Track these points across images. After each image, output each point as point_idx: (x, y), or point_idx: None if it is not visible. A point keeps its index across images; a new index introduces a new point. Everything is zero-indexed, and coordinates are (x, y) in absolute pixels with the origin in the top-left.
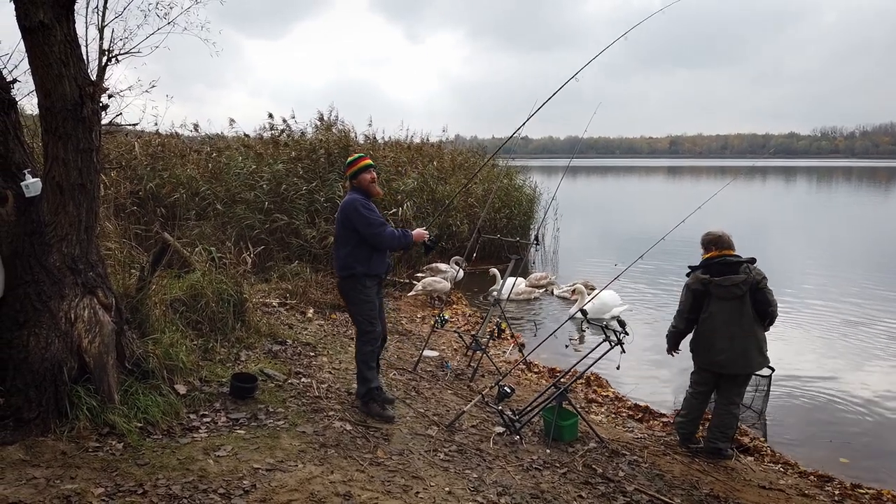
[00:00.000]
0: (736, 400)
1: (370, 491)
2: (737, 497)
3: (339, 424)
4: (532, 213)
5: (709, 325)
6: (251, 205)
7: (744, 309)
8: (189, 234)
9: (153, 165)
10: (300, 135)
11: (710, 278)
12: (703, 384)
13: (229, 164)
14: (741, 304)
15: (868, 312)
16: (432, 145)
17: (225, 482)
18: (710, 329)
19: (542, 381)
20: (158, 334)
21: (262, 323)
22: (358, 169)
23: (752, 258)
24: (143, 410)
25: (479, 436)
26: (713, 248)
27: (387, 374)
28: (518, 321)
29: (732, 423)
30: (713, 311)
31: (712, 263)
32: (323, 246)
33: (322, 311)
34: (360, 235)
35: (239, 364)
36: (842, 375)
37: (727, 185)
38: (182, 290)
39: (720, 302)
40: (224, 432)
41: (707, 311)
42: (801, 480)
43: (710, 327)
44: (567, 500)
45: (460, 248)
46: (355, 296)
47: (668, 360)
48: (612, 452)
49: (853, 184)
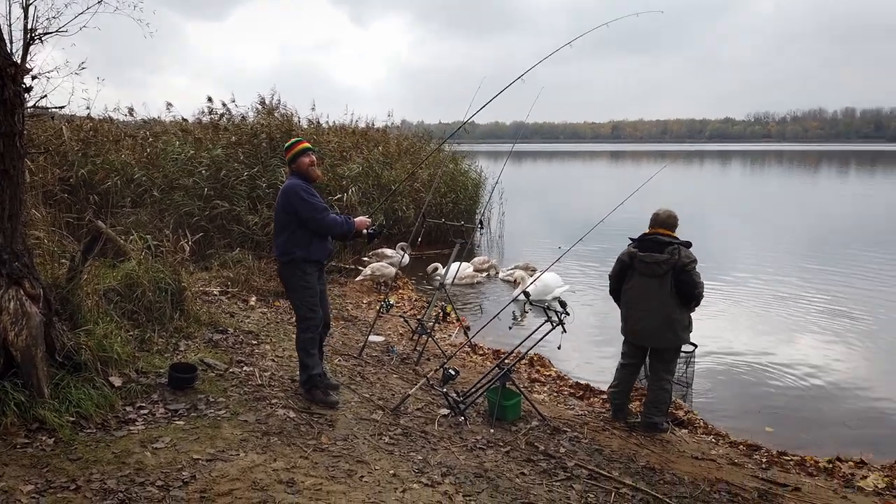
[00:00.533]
0: (665, 375)
1: (314, 477)
2: (671, 468)
3: (282, 412)
4: (478, 197)
5: (628, 296)
6: (190, 191)
7: (662, 288)
8: (124, 222)
9: (85, 151)
10: (241, 119)
11: (637, 252)
12: (630, 356)
13: (166, 149)
14: (661, 282)
15: (798, 289)
16: (378, 130)
17: (163, 474)
18: (628, 300)
19: (486, 363)
20: (91, 325)
21: (202, 312)
22: (296, 153)
23: (687, 242)
24: (75, 404)
25: (424, 418)
26: (651, 226)
27: (332, 361)
28: (465, 305)
29: (665, 398)
30: (633, 285)
31: (645, 239)
32: (265, 233)
33: (265, 299)
34: (299, 220)
35: (178, 354)
36: (772, 349)
37: (662, 168)
38: (116, 279)
39: (640, 277)
40: (162, 424)
41: (629, 283)
42: (731, 450)
43: (629, 298)
44: (510, 477)
45: (406, 234)
46: (295, 282)
47: (610, 339)
48: (554, 430)
49: (784, 167)
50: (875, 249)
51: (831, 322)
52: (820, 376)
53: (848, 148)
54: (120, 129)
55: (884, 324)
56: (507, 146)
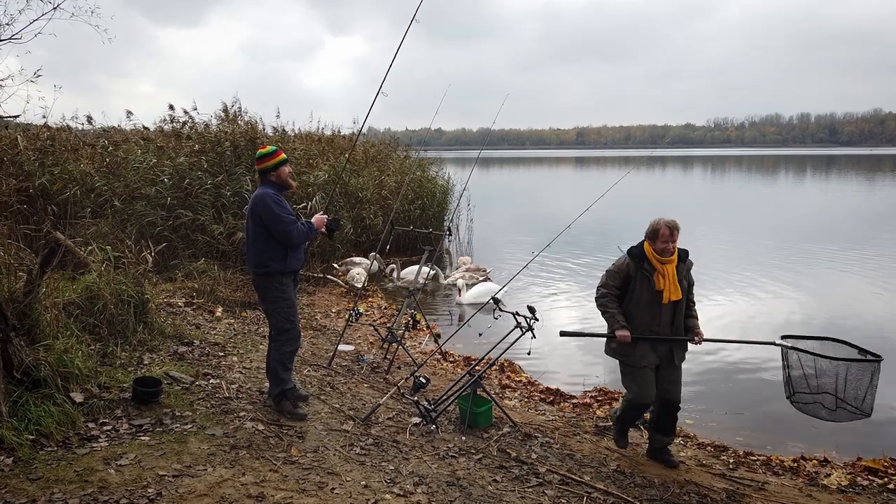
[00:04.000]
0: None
1: (284, 490)
2: (641, 471)
3: (250, 425)
4: (446, 204)
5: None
6: (152, 200)
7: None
8: (84, 233)
9: (42, 161)
10: (204, 127)
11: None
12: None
13: (127, 158)
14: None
15: (767, 287)
16: (344, 137)
17: (128, 492)
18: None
19: (457, 370)
20: (51, 340)
21: (166, 324)
22: (277, 162)
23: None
24: (34, 422)
25: (395, 428)
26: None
27: (301, 371)
28: (435, 313)
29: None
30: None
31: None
32: (231, 242)
33: (231, 310)
34: (269, 230)
35: (142, 368)
36: (738, 349)
37: (626, 174)
38: (76, 292)
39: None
40: (126, 440)
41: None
42: (699, 451)
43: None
44: (482, 485)
45: (375, 241)
46: (272, 294)
47: (584, 345)
48: (525, 436)
49: (744, 171)
50: (848, 246)
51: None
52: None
53: (804, 152)
54: (78, 137)
55: (852, 321)
56: (475, 152)
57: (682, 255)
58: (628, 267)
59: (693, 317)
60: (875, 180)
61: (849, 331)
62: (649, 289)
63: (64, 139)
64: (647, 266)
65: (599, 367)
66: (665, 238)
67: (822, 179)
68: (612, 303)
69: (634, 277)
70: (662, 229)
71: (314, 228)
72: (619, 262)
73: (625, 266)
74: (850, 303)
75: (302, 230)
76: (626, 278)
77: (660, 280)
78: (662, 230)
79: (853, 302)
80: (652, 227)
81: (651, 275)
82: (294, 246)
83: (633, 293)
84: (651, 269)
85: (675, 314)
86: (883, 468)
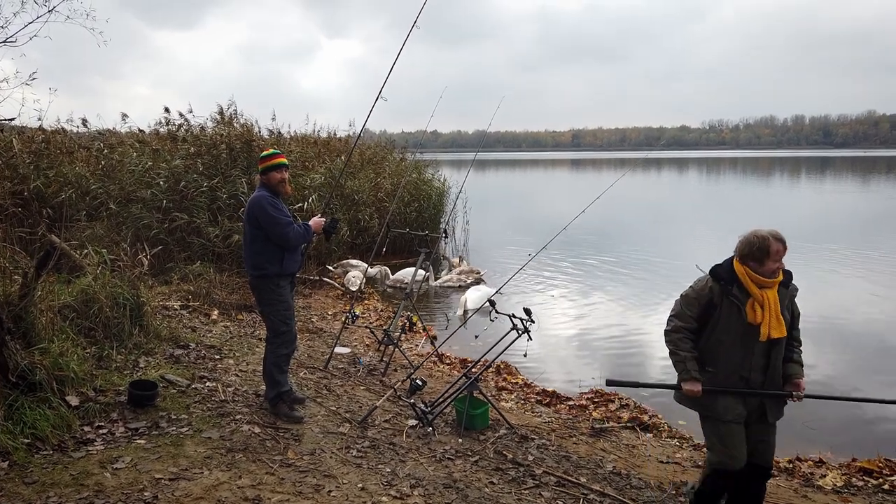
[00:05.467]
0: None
1: (280, 493)
2: (638, 472)
3: (246, 428)
4: (442, 206)
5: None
6: (148, 203)
7: None
8: (79, 236)
9: (37, 163)
10: (199, 129)
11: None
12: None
13: (123, 160)
14: None
15: None
16: (340, 139)
17: (124, 495)
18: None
19: (453, 373)
20: (46, 343)
21: (162, 327)
22: (269, 166)
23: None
24: (30, 425)
25: (392, 430)
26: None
27: (297, 374)
28: (432, 315)
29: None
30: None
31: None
32: (227, 245)
33: (227, 313)
34: (265, 232)
35: (138, 371)
36: None
37: (622, 176)
38: (72, 295)
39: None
40: (122, 443)
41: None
42: (695, 453)
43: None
44: (479, 487)
45: (371, 243)
46: (268, 296)
47: (580, 347)
48: (522, 438)
49: (739, 173)
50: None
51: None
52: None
53: (798, 154)
54: (74, 140)
55: (844, 323)
56: (470, 155)
57: (786, 278)
58: (711, 292)
59: (795, 361)
60: (870, 182)
61: (846, 331)
62: (739, 321)
63: (59, 142)
64: (737, 292)
65: (595, 368)
66: (778, 256)
67: (817, 181)
68: (684, 342)
69: (719, 306)
70: (773, 245)
71: (311, 231)
72: (699, 286)
73: (706, 291)
74: (846, 304)
75: (299, 232)
76: (707, 306)
77: (757, 311)
78: (774, 246)
79: (850, 303)
80: (757, 244)
81: (743, 303)
82: (291, 248)
83: (716, 326)
84: (744, 297)
85: (772, 356)
86: (878, 469)
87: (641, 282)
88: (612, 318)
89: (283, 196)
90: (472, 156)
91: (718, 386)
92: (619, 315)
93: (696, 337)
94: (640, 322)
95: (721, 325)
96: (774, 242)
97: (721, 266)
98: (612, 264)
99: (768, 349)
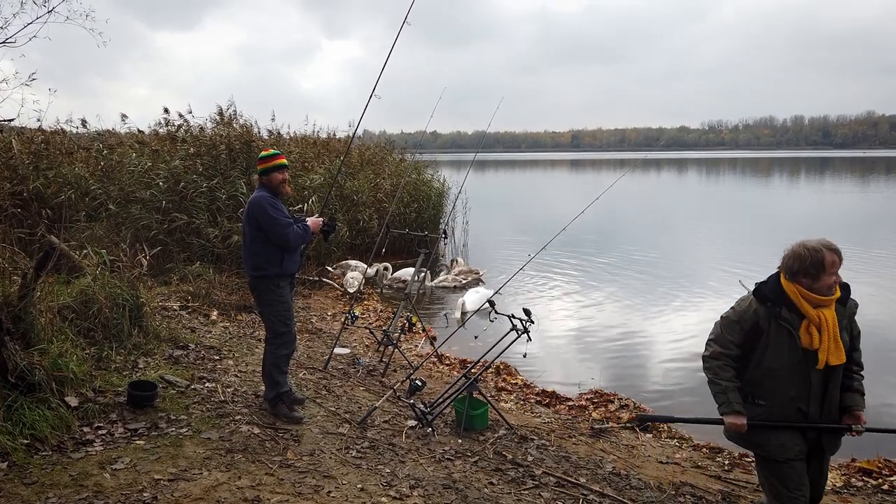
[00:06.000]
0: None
1: (280, 494)
2: (637, 472)
3: (246, 428)
4: (441, 206)
5: None
6: (147, 204)
7: None
8: (79, 237)
9: (36, 164)
10: (199, 130)
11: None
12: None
13: (122, 161)
14: None
15: None
16: (339, 140)
17: (123, 496)
18: None
19: (453, 373)
20: (45, 344)
21: (161, 328)
22: (270, 167)
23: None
24: (29, 426)
25: (391, 431)
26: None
27: (296, 374)
28: (431, 315)
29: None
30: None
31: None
32: (226, 245)
33: (227, 313)
34: (264, 233)
35: (137, 372)
36: None
37: (621, 177)
38: (71, 296)
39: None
40: (121, 444)
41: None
42: (694, 453)
43: None
44: (479, 487)
45: (370, 244)
46: (268, 297)
47: (579, 347)
48: (521, 438)
49: (738, 173)
50: None
51: None
52: None
53: (798, 155)
54: (73, 141)
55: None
56: (470, 155)
57: (844, 294)
58: (756, 315)
59: (855, 390)
60: (869, 182)
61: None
62: (792, 347)
63: (58, 143)
64: (787, 314)
65: (595, 369)
66: (833, 269)
67: (817, 181)
68: (724, 370)
69: (766, 330)
70: (828, 256)
71: (310, 231)
72: (742, 308)
73: (751, 313)
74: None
75: (298, 233)
76: (752, 331)
77: (813, 334)
78: (828, 257)
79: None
80: (808, 257)
81: (796, 327)
82: (291, 249)
83: (764, 353)
84: (796, 319)
85: (831, 384)
86: (877, 469)
87: (641, 282)
88: (611, 318)
89: (283, 197)
90: (472, 156)
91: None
92: (618, 315)
93: (741, 364)
94: (640, 322)
95: (770, 351)
96: (829, 253)
97: (766, 284)
98: (611, 264)
99: (826, 377)
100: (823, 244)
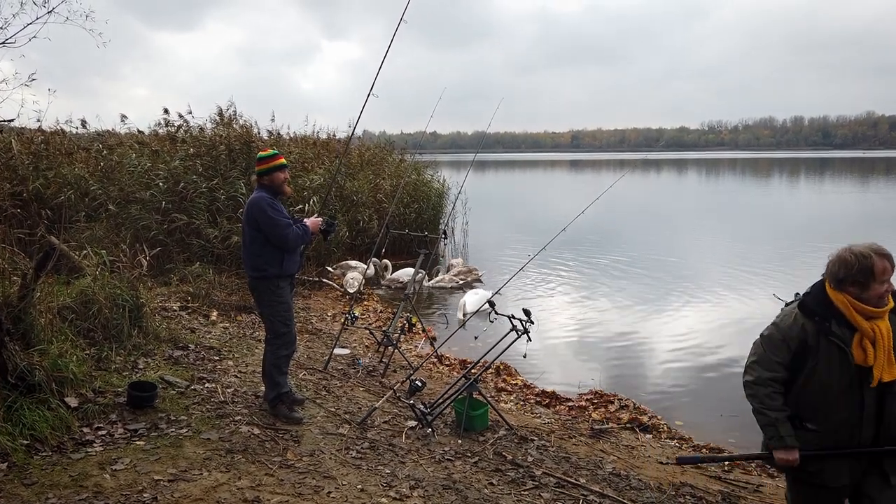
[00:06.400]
0: None
1: (280, 494)
2: (637, 473)
3: (246, 429)
4: (441, 207)
5: None
6: (147, 204)
7: None
8: (78, 237)
9: (36, 164)
10: (199, 130)
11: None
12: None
13: (122, 161)
14: None
15: (767, 290)
16: (339, 140)
17: (123, 497)
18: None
19: (453, 374)
20: (45, 345)
21: (161, 328)
22: (272, 167)
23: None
24: (29, 427)
25: (391, 431)
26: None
27: (296, 375)
28: (431, 316)
29: None
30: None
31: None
32: (226, 246)
33: (227, 314)
34: (264, 234)
35: (137, 372)
36: (737, 352)
37: (621, 177)
38: (71, 296)
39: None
40: (121, 444)
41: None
42: (694, 454)
43: None
44: (479, 488)
45: (370, 244)
46: (268, 297)
47: (579, 348)
48: (521, 438)
49: (738, 174)
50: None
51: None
52: None
53: (797, 155)
54: (73, 141)
55: None
56: (470, 156)
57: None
58: (804, 331)
59: None
60: (869, 182)
61: None
62: (843, 364)
63: (58, 143)
64: (837, 329)
65: (595, 369)
66: (885, 275)
67: (817, 182)
68: (773, 399)
69: (815, 347)
70: (878, 262)
71: (309, 232)
72: (786, 324)
73: (797, 329)
74: None
75: (297, 233)
76: (800, 349)
77: (868, 349)
78: (879, 264)
79: None
80: (856, 263)
81: (848, 343)
82: (290, 249)
83: (813, 373)
84: (848, 334)
85: (887, 402)
86: None
87: (641, 282)
88: (611, 318)
89: (283, 197)
90: (472, 157)
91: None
92: (618, 316)
93: (787, 387)
94: (640, 322)
95: (820, 372)
96: (879, 259)
97: (811, 296)
98: (611, 265)
99: (881, 395)
100: (873, 249)
